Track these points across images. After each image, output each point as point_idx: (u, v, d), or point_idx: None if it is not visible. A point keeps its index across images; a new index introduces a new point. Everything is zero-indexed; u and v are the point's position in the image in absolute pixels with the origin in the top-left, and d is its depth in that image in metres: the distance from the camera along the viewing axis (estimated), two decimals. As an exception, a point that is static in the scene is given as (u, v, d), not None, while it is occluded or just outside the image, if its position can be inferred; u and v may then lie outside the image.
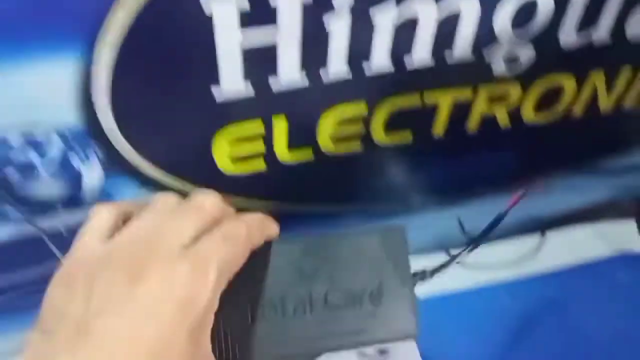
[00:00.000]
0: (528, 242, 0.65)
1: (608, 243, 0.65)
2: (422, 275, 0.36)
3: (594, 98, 0.53)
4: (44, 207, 0.43)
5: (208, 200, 0.31)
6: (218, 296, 0.28)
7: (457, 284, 0.59)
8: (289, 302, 0.32)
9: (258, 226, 0.32)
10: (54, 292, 0.28)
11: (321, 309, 0.32)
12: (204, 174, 0.46)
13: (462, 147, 0.53)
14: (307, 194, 0.53)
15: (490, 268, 0.62)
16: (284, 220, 0.41)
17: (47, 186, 0.42)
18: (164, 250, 0.28)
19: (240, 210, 0.33)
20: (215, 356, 0.30)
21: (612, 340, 0.56)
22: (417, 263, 0.35)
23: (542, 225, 0.66)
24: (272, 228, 0.34)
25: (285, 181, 0.49)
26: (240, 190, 0.49)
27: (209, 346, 0.29)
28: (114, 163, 0.42)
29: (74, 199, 0.43)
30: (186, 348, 0.27)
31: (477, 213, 0.57)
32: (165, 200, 0.32)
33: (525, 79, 0.49)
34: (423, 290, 0.36)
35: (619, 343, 0.56)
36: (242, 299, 0.32)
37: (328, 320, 0.32)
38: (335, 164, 0.49)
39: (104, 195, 0.44)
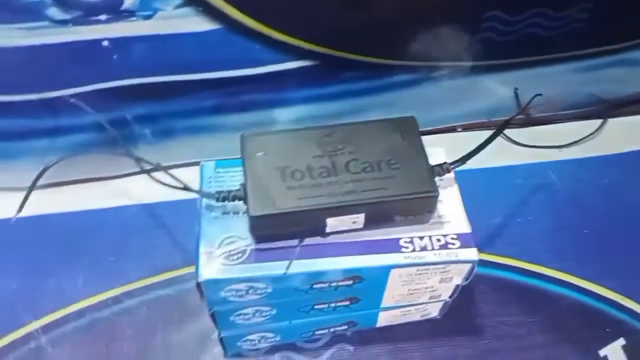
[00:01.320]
0: (587, 125, 0.65)
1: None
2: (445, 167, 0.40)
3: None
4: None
5: None
6: None
7: (507, 159, 0.61)
8: (314, 169, 0.37)
9: None
10: None
11: (344, 173, 0.37)
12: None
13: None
14: (358, 41, 0.54)
15: (541, 147, 0.62)
16: (331, 72, 0.45)
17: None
18: None
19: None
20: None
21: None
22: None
23: (604, 110, 0.65)
24: None
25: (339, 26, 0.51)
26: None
27: None
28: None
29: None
30: None
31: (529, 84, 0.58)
32: None
33: None
34: (472, 162, 0.40)
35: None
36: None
37: (351, 180, 0.37)
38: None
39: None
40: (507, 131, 0.63)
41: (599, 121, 0.65)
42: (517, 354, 0.49)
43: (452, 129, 0.63)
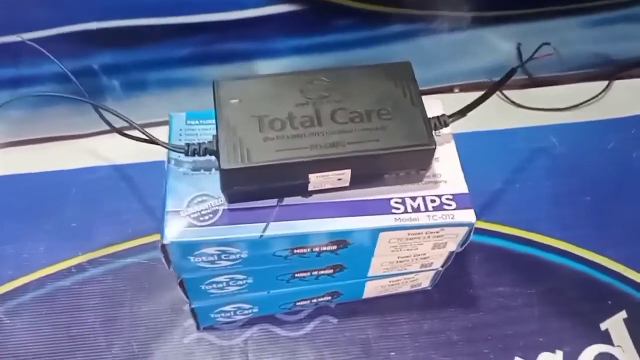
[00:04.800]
0: (592, 87, 0.60)
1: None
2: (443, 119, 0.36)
3: None
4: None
5: None
6: None
7: (507, 122, 0.57)
8: (296, 118, 0.33)
9: None
10: None
11: (330, 123, 0.33)
12: None
13: None
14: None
15: (543, 110, 0.58)
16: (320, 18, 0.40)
17: None
18: None
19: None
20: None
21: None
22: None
23: (611, 71, 0.61)
24: None
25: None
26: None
27: None
28: None
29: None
30: None
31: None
32: None
33: None
34: (471, 124, 0.37)
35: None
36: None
37: (337, 131, 0.33)
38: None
39: None
40: (507, 92, 0.59)
41: (604, 83, 0.61)
42: (513, 327, 0.46)
43: (449, 89, 0.59)
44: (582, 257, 0.50)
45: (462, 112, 0.37)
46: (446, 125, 0.36)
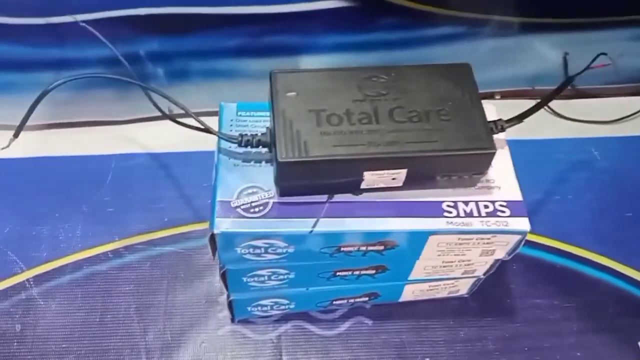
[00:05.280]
0: (636, 101, 0.59)
1: None
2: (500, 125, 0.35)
3: None
4: None
5: None
6: None
7: (549, 132, 0.56)
8: (353, 114, 0.33)
9: None
10: None
11: (387, 121, 0.32)
12: None
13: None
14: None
15: (586, 122, 0.57)
16: (367, 16, 0.40)
17: None
18: None
19: None
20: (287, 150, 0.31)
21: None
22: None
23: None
24: None
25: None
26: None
27: None
28: None
29: None
30: None
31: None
32: None
33: None
34: (513, 132, 0.36)
35: None
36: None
37: (395, 130, 0.32)
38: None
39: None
40: (550, 103, 0.58)
41: (649, 98, 0.60)
42: (549, 340, 0.45)
43: (490, 95, 0.58)
44: (622, 272, 0.49)
45: (520, 118, 0.36)
46: (502, 130, 0.36)
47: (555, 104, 0.59)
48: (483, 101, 0.36)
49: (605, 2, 0.52)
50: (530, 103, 0.37)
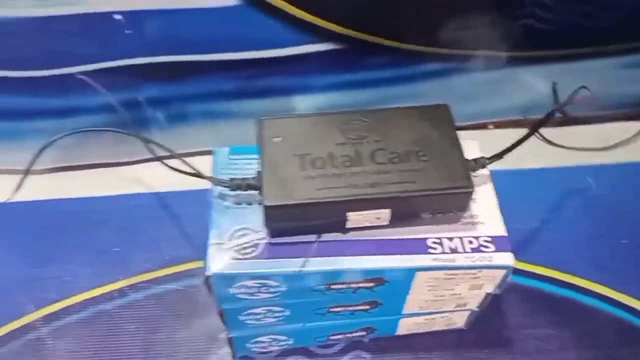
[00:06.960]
0: (629, 127, 0.60)
1: None
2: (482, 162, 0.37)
3: None
4: None
5: None
6: None
7: (542, 161, 0.57)
8: (336, 158, 0.34)
9: None
10: None
11: (369, 163, 0.34)
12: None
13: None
14: (388, 24, 0.51)
15: (579, 150, 0.58)
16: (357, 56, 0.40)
17: None
18: None
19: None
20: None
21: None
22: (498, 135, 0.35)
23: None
24: None
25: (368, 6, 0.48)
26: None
27: None
28: None
29: None
30: None
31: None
32: None
33: None
34: (506, 162, 0.37)
35: None
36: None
37: (377, 171, 0.34)
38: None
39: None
40: (542, 131, 0.59)
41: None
42: (548, 370, 0.45)
43: (484, 126, 0.60)
44: (619, 301, 0.49)
45: (500, 155, 0.37)
46: (483, 167, 0.37)
47: (548, 131, 0.59)
48: (470, 136, 0.37)
49: (589, 33, 0.53)
50: (523, 131, 0.38)
